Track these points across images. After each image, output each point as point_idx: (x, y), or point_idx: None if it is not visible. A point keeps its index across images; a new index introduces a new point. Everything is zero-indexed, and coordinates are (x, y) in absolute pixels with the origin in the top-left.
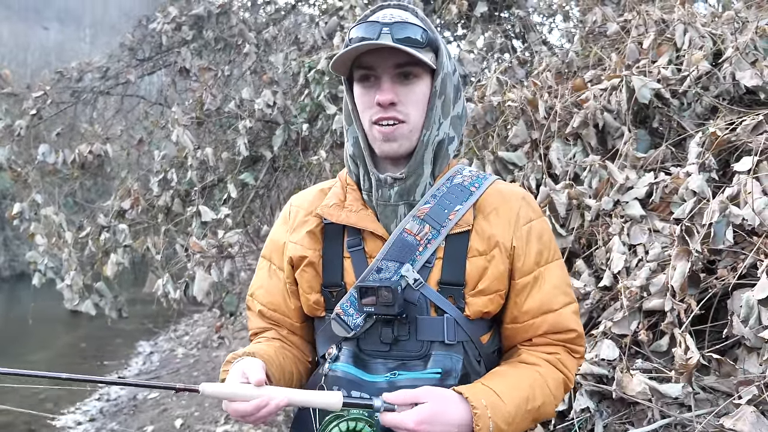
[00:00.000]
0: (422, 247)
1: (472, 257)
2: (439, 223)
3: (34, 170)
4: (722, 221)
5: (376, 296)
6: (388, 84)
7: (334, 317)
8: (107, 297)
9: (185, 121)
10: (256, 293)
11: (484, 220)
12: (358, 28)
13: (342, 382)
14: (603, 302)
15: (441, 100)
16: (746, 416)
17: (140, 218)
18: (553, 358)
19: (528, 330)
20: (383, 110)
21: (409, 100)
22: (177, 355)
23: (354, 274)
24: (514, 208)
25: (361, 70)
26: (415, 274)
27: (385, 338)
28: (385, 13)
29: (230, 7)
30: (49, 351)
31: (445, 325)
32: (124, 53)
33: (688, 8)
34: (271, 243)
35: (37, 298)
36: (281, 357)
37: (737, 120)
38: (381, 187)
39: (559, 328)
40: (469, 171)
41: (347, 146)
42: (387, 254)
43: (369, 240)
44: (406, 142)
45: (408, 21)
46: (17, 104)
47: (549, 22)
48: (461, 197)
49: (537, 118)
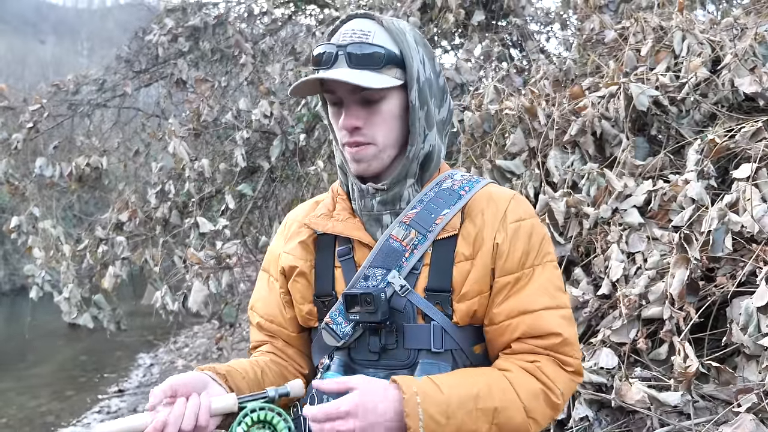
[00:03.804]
0: (408, 253)
1: (458, 263)
2: (426, 228)
3: (31, 184)
4: (721, 229)
5: (359, 304)
6: (351, 109)
7: (323, 326)
8: (105, 309)
9: (182, 132)
10: (256, 306)
11: (471, 223)
12: (320, 48)
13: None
14: (602, 310)
15: (424, 112)
16: (745, 424)
17: (138, 230)
18: (532, 366)
19: (504, 332)
20: (348, 134)
21: (374, 122)
22: (177, 367)
23: (345, 282)
24: (501, 208)
25: (326, 93)
26: (401, 281)
27: (373, 347)
28: (347, 28)
29: (227, 18)
30: (49, 365)
31: (432, 333)
32: (121, 65)
33: (686, 15)
34: (269, 255)
35: (37, 312)
36: (259, 370)
37: (736, 127)
38: (364, 197)
39: (538, 331)
40: (461, 175)
41: (336, 155)
42: (373, 261)
43: (358, 249)
44: (375, 162)
45: (365, 41)
46: (14, 118)
47: (547, 30)
48: (449, 201)
49: (535, 126)
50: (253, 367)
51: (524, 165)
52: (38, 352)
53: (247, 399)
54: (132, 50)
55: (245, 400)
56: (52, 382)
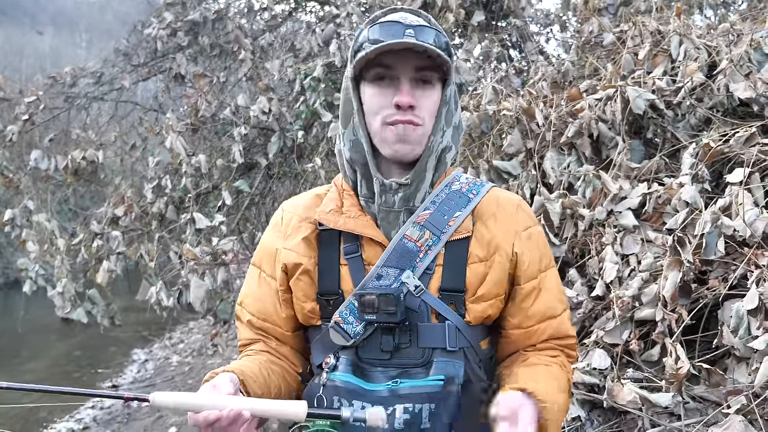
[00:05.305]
0: (423, 254)
1: (472, 263)
2: (440, 230)
3: (26, 176)
4: (714, 232)
5: (378, 304)
6: (407, 86)
7: (332, 325)
8: (99, 304)
9: (180, 127)
10: (245, 302)
11: (483, 226)
12: (374, 29)
13: (342, 392)
14: (595, 311)
15: (446, 109)
16: (734, 425)
17: (134, 225)
18: (558, 360)
19: (532, 335)
20: (401, 113)
21: (425, 105)
22: (172, 363)
23: (352, 281)
24: (512, 214)
25: (378, 68)
26: (416, 281)
27: (386, 346)
28: (401, 15)
29: (226, 13)
30: (42, 360)
31: (446, 332)
32: (119, 59)
33: (684, 20)
34: (262, 250)
35: (30, 307)
36: (267, 372)
37: (730, 132)
38: (385, 193)
39: (561, 333)
40: (466, 178)
41: (344, 150)
42: (387, 261)
43: (367, 247)
44: (418, 146)
45: (428, 25)
46: (10, 109)
47: (546, 31)
48: (460, 204)
49: (532, 127)
50: (261, 369)
51: (521, 166)
52: (31, 346)
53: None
54: (130, 44)
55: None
56: (45, 377)
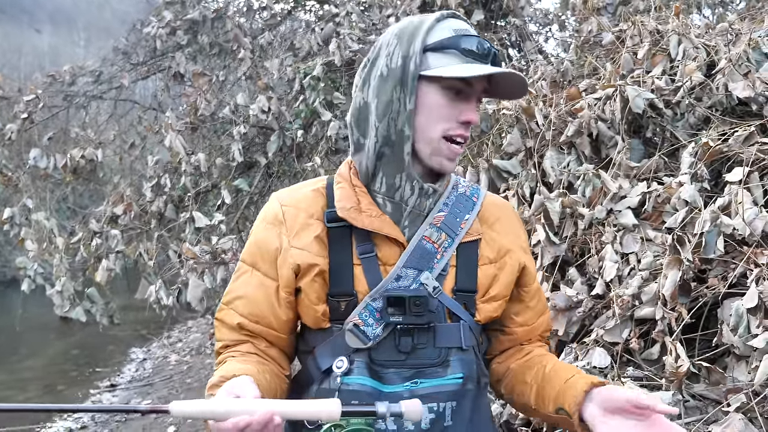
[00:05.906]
0: (440, 255)
1: (482, 265)
2: (454, 231)
3: (25, 175)
4: (713, 231)
5: (406, 305)
6: (475, 105)
7: (351, 328)
8: (98, 303)
9: (179, 126)
10: (235, 304)
11: (490, 229)
12: (469, 41)
13: (361, 396)
14: (595, 310)
15: None
16: (734, 424)
17: (133, 224)
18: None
19: (534, 330)
20: (464, 128)
21: None
22: (170, 362)
23: (366, 281)
24: (513, 220)
25: (460, 83)
26: (434, 282)
27: (404, 347)
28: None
29: (226, 12)
30: (40, 358)
31: (462, 331)
32: (118, 57)
33: (682, 19)
34: (257, 247)
35: (28, 305)
36: (267, 374)
37: (729, 131)
38: (421, 196)
39: (549, 327)
40: (463, 181)
41: (369, 144)
42: (407, 261)
43: (383, 246)
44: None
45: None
46: (8, 108)
47: (545, 31)
48: (467, 206)
49: (532, 126)
50: (260, 372)
51: (521, 165)
52: (29, 345)
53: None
54: (130, 42)
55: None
56: (43, 375)
